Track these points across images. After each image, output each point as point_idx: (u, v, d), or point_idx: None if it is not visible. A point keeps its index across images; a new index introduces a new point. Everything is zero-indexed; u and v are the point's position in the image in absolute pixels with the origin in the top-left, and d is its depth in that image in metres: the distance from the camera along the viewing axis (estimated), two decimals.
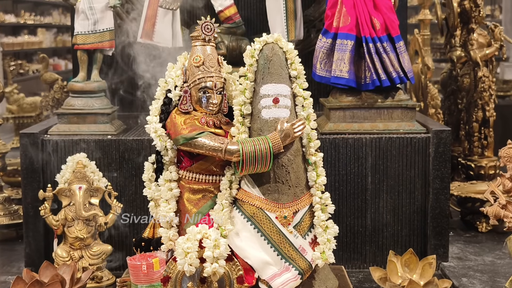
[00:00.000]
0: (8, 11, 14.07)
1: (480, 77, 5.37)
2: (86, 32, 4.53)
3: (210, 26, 3.55)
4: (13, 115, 9.12)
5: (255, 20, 5.04)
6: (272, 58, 3.48)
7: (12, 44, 13.94)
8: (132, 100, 5.26)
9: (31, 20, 14.92)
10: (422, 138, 4.33)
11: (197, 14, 5.00)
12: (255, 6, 5.06)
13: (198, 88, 3.50)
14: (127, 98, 5.26)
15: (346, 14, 4.36)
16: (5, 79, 12.07)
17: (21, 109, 9.24)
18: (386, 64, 4.34)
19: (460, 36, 5.60)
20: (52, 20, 16.10)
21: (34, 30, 15.21)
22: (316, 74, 4.48)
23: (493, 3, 14.60)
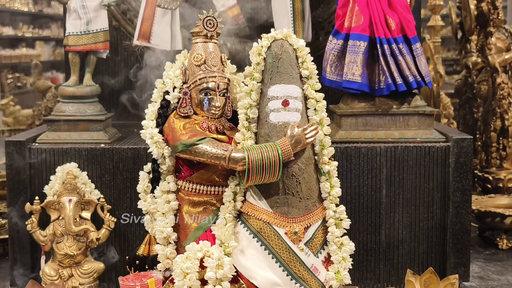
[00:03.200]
0: (6, 24, 13.85)
1: (498, 83, 5.06)
2: (78, 33, 4.23)
3: (213, 21, 3.24)
4: (9, 127, 8.92)
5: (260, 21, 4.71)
6: (281, 56, 3.15)
7: (9, 56, 13.73)
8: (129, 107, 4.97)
9: (29, 33, 14.71)
10: (441, 147, 4.02)
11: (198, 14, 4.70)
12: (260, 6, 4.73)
13: (199, 89, 3.18)
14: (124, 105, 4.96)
15: (358, 13, 4.07)
16: (2, 92, 11.88)
17: (17, 121, 9.06)
18: (402, 67, 4.04)
19: (477, 40, 5.30)
20: (51, 33, 15.89)
21: (32, 43, 15.00)
22: (326, 78, 4.17)
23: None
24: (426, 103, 4.26)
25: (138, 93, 4.68)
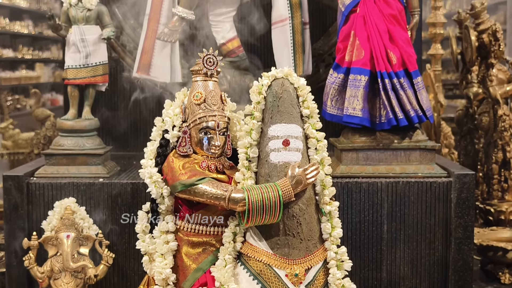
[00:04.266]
0: (6, 46, 13.85)
1: (500, 115, 5.03)
2: (77, 66, 4.21)
3: (213, 60, 3.21)
4: (8, 151, 8.85)
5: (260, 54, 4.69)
6: (282, 95, 3.11)
7: (9, 79, 13.72)
8: (128, 138, 4.95)
9: (29, 54, 14.71)
10: (443, 183, 3.98)
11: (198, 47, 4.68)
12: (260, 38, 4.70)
13: (199, 128, 3.14)
14: (123, 136, 4.94)
15: (359, 47, 4.04)
16: (1, 114, 11.83)
17: (16, 145, 8.98)
18: (403, 101, 4.01)
19: (478, 71, 5.27)
20: (51, 54, 15.90)
21: (32, 65, 15.00)
22: (327, 112, 4.15)
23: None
24: (427, 137, 4.22)
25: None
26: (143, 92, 4.65)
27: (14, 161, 8.54)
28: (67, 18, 4.26)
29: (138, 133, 4.96)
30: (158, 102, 4.74)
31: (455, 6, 15.73)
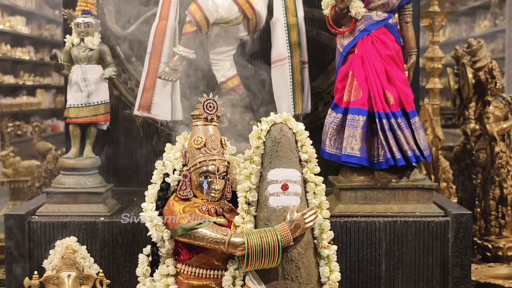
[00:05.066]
0: (8, 72, 13.89)
1: (497, 152, 5.06)
2: (79, 105, 4.26)
3: (213, 104, 3.26)
4: (9, 178, 8.87)
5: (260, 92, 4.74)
6: (280, 140, 3.16)
7: (10, 105, 13.75)
8: (128, 173, 4.99)
9: (30, 81, 14.75)
10: (441, 222, 4.03)
11: (198, 85, 4.74)
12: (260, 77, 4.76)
13: (199, 172, 3.19)
14: (124, 171, 4.98)
15: (357, 87, 4.10)
16: (2, 141, 11.86)
17: (17, 172, 9.00)
18: (400, 141, 4.06)
19: (475, 108, 5.32)
20: (52, 81, 15.93)
21: (33, 91, 15.03)
22: (326, 152, 4.19)
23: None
24: (425, 173, 4.26)
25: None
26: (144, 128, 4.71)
27: (14, 189, 8.57)
28: (69, 57, 4.32)
29: (139, 168, 5.00)
30: (159, 138, 4.81)
31: (454, 33, 15.85)
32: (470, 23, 15.67)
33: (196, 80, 4.71)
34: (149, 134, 4.89)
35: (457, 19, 16.37)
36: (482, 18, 14.59)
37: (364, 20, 4.16)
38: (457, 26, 16.05)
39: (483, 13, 14.72)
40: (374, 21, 4.16)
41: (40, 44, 15.22)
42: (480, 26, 14.46)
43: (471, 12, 15.50)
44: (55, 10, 15.82)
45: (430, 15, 6.35)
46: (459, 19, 16.31)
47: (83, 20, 4.26)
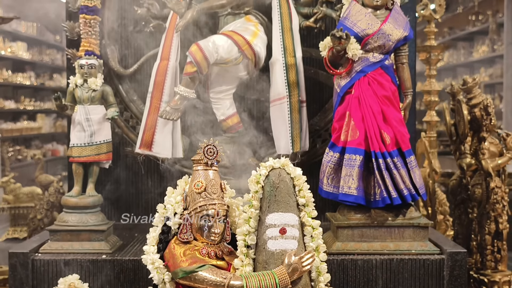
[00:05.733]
0: (8, 97, 13.96)
1: (492, 188, 5.14)
2: (82, 144, 4.35)
3: (213, 150, 3.34)
4: (9, 205, 8.92)
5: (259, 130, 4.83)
6: (279, 185, 3.25)
7: (11, 130, 13.81)
8: (130, 208, 5.07)
9: (31, 106, 14.82)
10: (436, 260, 4.10)
11: (198, 121, 4.83)
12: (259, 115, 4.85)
13: (200, 216, 3.28)
14: (125, 205, 5.06)
15: (354, 127, 4.18)
16: (2, 166, 11.90)
17: (18, 199, 9.05)
18: (396, 180, 4.14)
19: (471, 144, 5.40)
20: (52, 105, 15.97)
21: (33, 116, 15.10)
22: (323, 190, 4.28)
23: (493, 92, 14.55)
24: (421, 214, 4.34)
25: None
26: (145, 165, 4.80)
27: (15, 215, 8.62)
28: (72, 98, 4.42)
29: (140, 203, 5.07)
30: (160, 173, 4.90)
31: (452, 58, 15.95)
32: (468, 48, 15.79)
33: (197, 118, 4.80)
34: (150, 171, 4.97)
35: (456, 44, 16.50)
36: (480, 43, 14.69)
37: (361, 62, 4.25)
38: (456, 51, 16.16)
39: (481, 38, 14.83)
40: (370, 62, 4.26)
41: (40, 69, 15.29)
42: (478, 51, 14.55)
43: (469, 37, 15.62)
44: (56, 35, 15.91)
45: (427, 49, 6.45)
46: (457, 44, 16.43)
47: (87, 62, 4.37)
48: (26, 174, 12.04)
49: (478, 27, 14.26)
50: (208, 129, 4.77)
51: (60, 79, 16.09)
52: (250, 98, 4.84)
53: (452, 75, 16.75)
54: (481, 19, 14.19)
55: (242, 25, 4.67)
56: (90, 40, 4.49)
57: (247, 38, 4.58)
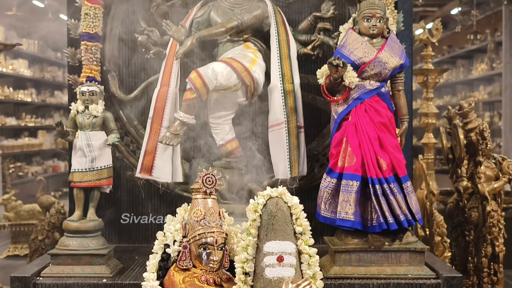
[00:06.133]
0: (10, 114, 14.03)
1: (488, 211, 5.21)
2: (83, 170, 4.42)
3: (212, 179, 3.41)
4: (10, 222, 8.97)
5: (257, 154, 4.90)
6: (276, 213, 3.31)
7: (12, 146, 13.87)
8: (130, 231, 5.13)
9: (32, 122, 14.89)
10: (432, 284, 4.17)
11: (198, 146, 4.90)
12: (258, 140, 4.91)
13: (198, 244, 3.33)
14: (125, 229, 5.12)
15: (351, 153, 4.25)
16: (3, 182, 11.95)
17: (18, 216, 9.10)
18: (393, 206, 4.21)
19: (467, 168, 5.47)
20: (53, 122, 15.99)
21: (34, 132, 15.17)
22: (321, 215, 4.34)
23: (492, 110, 14.63)
24: (417, 238, 4.40)
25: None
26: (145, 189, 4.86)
27: (15, 232, 8.68)
28: (74, 124, 4.48)
29: (140, 226, 5.13)
30: (160, 196, 4.96)
31: (452, 76, 16.03)
32: (467, 65, 15.88)
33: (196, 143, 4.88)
34: (150, 194, 5.04)
35: (455, 62, 16.59)
36: (479, 61, 14.78)
37: (358, 89, 4.33)
38: (455, 68, 16.24)
39: (480, 56, 14.93)
40: (367, 89, 4.34)
41: (42, 86, 15.37)
42: (477, 69, 14.64)
43: (468, 55, 15.71)
44: (57, 52, 16.00)
45: (424, 72, 6.52)
46: (456, 62, 16.52)
47: (88, 89, 4.44)
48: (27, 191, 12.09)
49: (477, 45, 14.36)
50: (207, 154, 4.84)
51: (61, 96, 16.16)
52: (249, 123, 4.90)
53: (452, 92, 16.84)
54: (479, 38, 14.29)
55: (241, 52, 4.75)
56: (91, 67, 4.57)
57: (246, 65, 4.65)
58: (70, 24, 4.84)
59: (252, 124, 4.87)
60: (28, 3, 12.86)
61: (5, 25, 12.94)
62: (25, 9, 12.87)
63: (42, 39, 14.90)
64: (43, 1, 12.88)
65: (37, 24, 14.41)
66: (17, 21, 13.13)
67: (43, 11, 13.45)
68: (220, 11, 4.82)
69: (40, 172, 14.24)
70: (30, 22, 14.12)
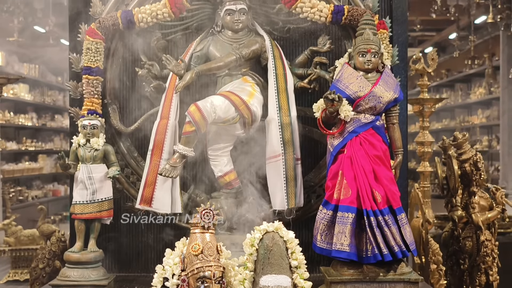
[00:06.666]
0: (10, 139, 14.11)
1: (482, 241, 5.29)
2: (84, 202, 4.51)
3: (210, 214, 3.50)
4: (10, 247, 9.00)
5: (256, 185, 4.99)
6: (272, 248, 3.41)
7: (12, 171, 13.93)
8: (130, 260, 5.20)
9: (32, 146, 14.96)
10: None
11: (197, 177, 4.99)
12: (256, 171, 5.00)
13: (197, 277, 3.43)
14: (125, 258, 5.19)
15: (347, 186, 4.34)
16: (4, 207, 11.99)
17: (19, 241, 9.13)
18: (387, 238, 4.29)
19: (462, 198, 5.56)
20: (53, 145, 16.12)
21: (34, 156, 15.24)
22: (317, 246, 4.42)
23: (490, 133, 14.74)
24: (411, 269, 4.48)
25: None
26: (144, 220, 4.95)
27: (16, 258, 8.72)
28: (75, 157, 4.58)
29: (140, 255, 5.20)
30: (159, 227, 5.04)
31: (450, 99, 16.16)
32: (466, 89, 16.01)
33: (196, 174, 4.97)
34: (150, 224, 5.11)
35: (453, 85, 16.72)
36: (477, 85, 14.90)
37: (353, 122, 4.43)
38: (453, 92, 16.37)
39: (478, 80, 15.05)
40: (362, 123, 4.44)
41: (42, 110, 15.45)
42: (475, 93, 14.75)
43: (467, 79, 15.83)
44: (57, 76, 16.11)
45: (420, 102, 6.62)
46: (455, 85, 16.66)
47: (89, 123, 4.55)
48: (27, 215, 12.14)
49: (475, 69, 14.47)
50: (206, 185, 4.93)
51: (61, 119, 16.25)
52: (247, 155, 4.98)
53: (450, 116, 16.97)
54: (477, 62, 14.42)
55: (239, 86, 4.85)
56: (92, 100, 4.69)
57: (244, 99, 4.75)
58: (72, 58, 4.94)
59: (250, 156, 4.95)
60: (30, 28, 12.97)
61: (7, 50, 13.06)
62: (26, 35, 12.98)
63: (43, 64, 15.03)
64: (44, 27, 12.99)
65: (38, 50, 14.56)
66: (18, 46, 13.25)
67: (44, 36, 13.58)
68: (219, 46, 4.92)
69: (40, 196, 14.30)
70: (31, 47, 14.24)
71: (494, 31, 13.03)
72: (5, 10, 11.44)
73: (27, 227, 9.19)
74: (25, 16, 12.01)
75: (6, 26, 12.16)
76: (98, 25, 4.83)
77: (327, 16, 4.85)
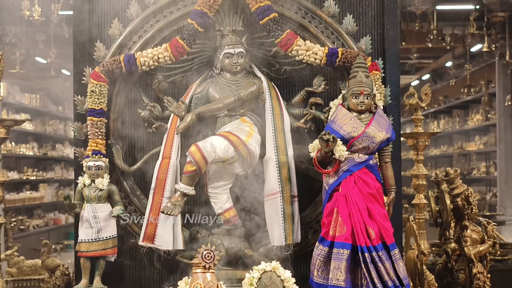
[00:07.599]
0: (12, 168, 14.21)
1: (475, 273, 5.42)
2: (89, 240, 4.68)
3: (210, 254, 3.66)
4: (13, 278, 9.07)
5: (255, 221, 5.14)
6: (270, 286, 3.58)
7: (13, 200, 14.00)
8: None
9: (34, 175, 15.05)
10: None
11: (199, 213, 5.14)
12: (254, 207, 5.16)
13: None
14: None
15: (342, 223, 4.51)
16: (5, 236, 12.07)
17: (21, 272, 9.20)
18: (381, 273, 4.46)
19: (454, 231, 5.70)
20: (54, 174, 16.20)
21: (36, 186, 15.32)
22: (314, 281, 4.57)
23: (488, 160, 14.86)
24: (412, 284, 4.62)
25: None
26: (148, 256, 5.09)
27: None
28: (81, 196, 4.75)
29: None
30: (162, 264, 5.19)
31: (448, 125, 16.29)
32: (463, 116, 16.13)
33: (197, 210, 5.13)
34: (152, 260, 5.25)
35: (451, 111, 16.84)
36: (474, 112, 15.01)
37: (347, 162, 4.61)
38: (451, 118, 16.49)
39: (475, 107, 15.17)
40: (356, 162, 4.62)
41: (43, 139, 15.56)
42: (473, 120, 14.85)
43: (464, 106, 15.96)
44: (58, 106, 16.25)
45: (414, 135, 6.76)
46: (452, 111, 16.79)
47: (94, 164, 4.73)
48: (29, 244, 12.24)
49: (472, 96, 14.59)
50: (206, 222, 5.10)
51: (62, 148, 16.37)
52: (246, 192, 5.13)
53: (448, 142, 17.09)
54: (474, 90, 14.56)
55: (237, 126, 5.02)
56: (97, 140, 4.87)
57: (243, 138, 4.91)
58: (76, 100, 5.12)
59: (248, 193, 5.10)
60: (31, 60, 13.15)
61: (9, 82, 13.23)
62: (28, 66, 13.15)
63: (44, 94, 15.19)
64: (45, 58, 13.17)
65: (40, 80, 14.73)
66: (20, 78, 13.41)
67: (45, 67, 13.75)
68: (218, 88, 5.10)
69: (41, 225, 14.39)
70: (33, 78, 14.41)
71: (490, 58, 13.18)
72: (7, 43, 11.61)
73: (29, 256, 9.28)
74: (27, 48, 12.18)
75: (8, 58, 12.33)
76: (102, 68, 5.02)
77: (322, 58, 5.05)
